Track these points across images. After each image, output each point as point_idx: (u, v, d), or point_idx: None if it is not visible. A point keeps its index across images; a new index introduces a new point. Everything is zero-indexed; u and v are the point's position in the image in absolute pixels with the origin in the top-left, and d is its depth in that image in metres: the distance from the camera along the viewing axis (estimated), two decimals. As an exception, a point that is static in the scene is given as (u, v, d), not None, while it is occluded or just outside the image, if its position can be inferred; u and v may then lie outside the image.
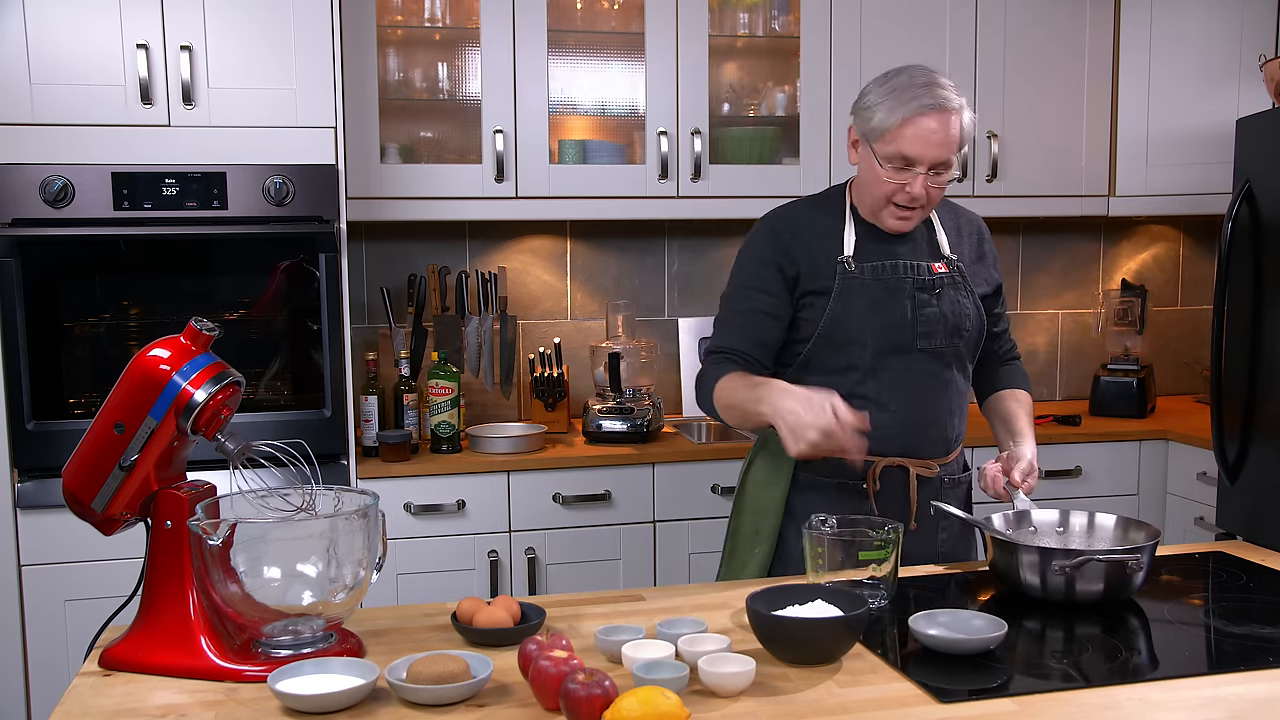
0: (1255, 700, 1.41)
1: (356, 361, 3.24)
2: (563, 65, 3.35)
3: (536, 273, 3.59)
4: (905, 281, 2.00)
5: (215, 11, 2.77)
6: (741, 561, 2.11)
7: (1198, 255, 4.06)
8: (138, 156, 2.75)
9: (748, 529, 2.11)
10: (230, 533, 1.47)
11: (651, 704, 1.27)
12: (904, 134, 1.89)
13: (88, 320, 2.83)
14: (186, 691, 1.47)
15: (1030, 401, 2.17)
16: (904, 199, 1.94)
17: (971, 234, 2.14)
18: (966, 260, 2.10)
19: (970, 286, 2.07)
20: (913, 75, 1.92)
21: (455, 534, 3.00)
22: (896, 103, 1.89)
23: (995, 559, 1.81)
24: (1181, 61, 3.53)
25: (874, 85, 1.95)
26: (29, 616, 2.77)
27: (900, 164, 1.91)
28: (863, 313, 1.98)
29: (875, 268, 2.00)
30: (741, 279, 2.05)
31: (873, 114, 1.92)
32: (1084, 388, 3.91)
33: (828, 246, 2.02)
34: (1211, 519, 3.13)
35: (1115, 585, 1.72)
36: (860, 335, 1.98)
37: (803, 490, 2.07)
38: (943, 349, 2.03)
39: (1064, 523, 1.95)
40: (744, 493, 2.15)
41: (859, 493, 2.03)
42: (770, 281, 2.01)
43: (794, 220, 2.05)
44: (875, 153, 1.93)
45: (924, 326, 2.00)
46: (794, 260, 2.01)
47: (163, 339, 1.58)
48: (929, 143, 1.89)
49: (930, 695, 1.42)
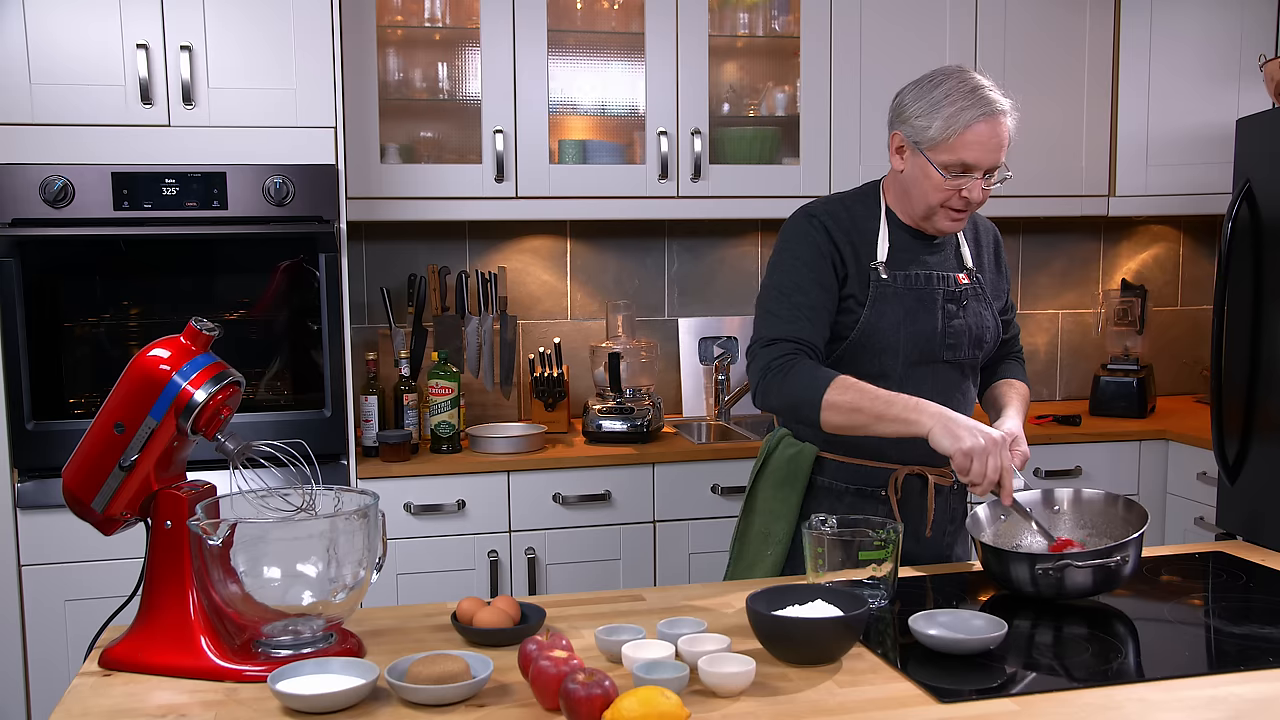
0: (1255, 700, 1.41)
1: (356, 361, 3.24)
2: (563, 65, 3.35)
3: (536, 273, 3.59)
4: (937, 293, 2.01)
5: (215, 11, 2.77)
6: (750, 563, 2.11)
7: (1198, 255, 4.06)
8: (138, 156, 2.75)
9: (758, 531, 2.11)
10: (230, 533, 1.47)
11: (651, 704, 1.27)
12: (965, 141, 1.89)
13: (88, 320, 2.83)
14: (186, 691, 1.47)
15: (1025, 390, 2.16)
16: (959, 203, 1.95)
17: (989, 243, 2.15)
18: (987, 272, 2.11)
19: (990, 299, 2.09)
20: (961, 80, 1.92)
21: (455, 534, 3.00)
22: (955, 110, 1.89)
23: (985, 561, 1.83)
24: (1181, 61, 3.53)
25: (917, 93, 1.94)
26: (29, 616, 2.77)
27: (959, 170, 1.92)
28: (897, 322, 1.98)
29: (908, 277, 2.01)
30: (801, 269, 1.99)
31: (928, 123, 1.91)
32: (1084, 388, 3.91)
33: (865, 248, 2.02)
34: (1211, 519, 3.13)
35: (1104, 580, 1.73)
36: (894, 344, 1.98)
37: (819, 495, 2.07)
38: (964, 360, 2.04)
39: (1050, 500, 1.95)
40: (755, 495, 2.13)
41: (877, 499, 2.03)
42: (828, 275, 1.98)
43: (842, 218, 2.02)
44: (931, 160, 1.92)
45: (952, 339, 2.02)
46: (844, 259, 2.00)
47: (163, 339, 1.58)
48: (988, 148, 1.90)
49: (930, 695, 1.42)
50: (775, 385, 1.94)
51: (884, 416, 1.85)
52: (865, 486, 2.03)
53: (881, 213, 2.05)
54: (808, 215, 2.03)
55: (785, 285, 1.99)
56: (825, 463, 2.06)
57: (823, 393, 1.88)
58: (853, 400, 1.87)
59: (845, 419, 1.88)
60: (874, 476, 2.03)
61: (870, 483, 2.03)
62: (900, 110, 1.98)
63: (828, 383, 1.88)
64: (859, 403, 1.86)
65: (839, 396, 1.87)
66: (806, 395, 1.90)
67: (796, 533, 2.06)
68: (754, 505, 2.13)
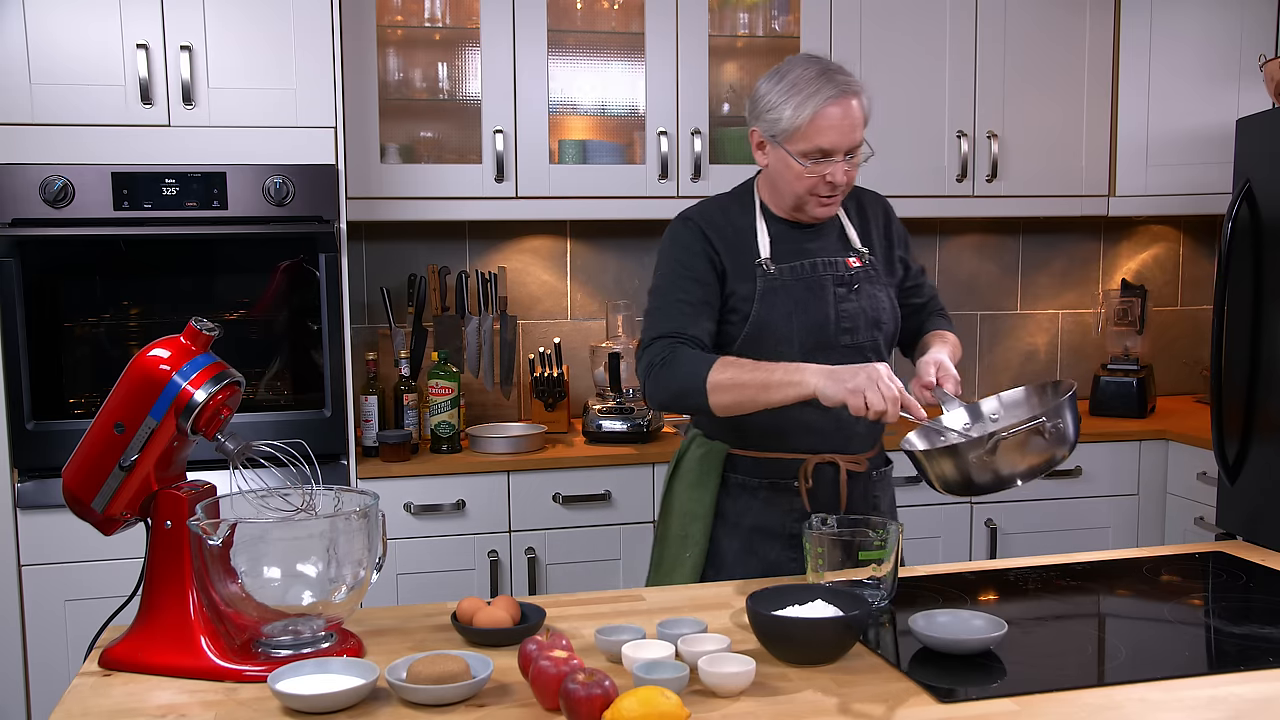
0: (1255, 700, 1.41)
1: (356, 361, 3.24)
2: (563, 65, 3.35)
3: (536, 273, 3.59)
4: (825, 279, 2.02)
5: (215, 11, 2.77)
6: (670, 568, 2.09)
7: (1198, 255, 4.06)
8: (138, 156, 2.75)
9: (676, 533, 2.10)
10: (230, 533, 1.47)
11: (651, 704, 1.27)
12: (818, 127, 1.90)
13: (88, 320, 2.83)
14: (186, 691, 1.47)
15: (953, 337, 2.14)
16: (825, 189, 1.96)
17: (877, 217, 2.15)
18: (878, 250, 2.10)
19: (884, 279, 2.08)
20: (806, 67, 1.94)
21: (455, 534, 3.00)
22: (802, 99, 1.90)
23: (920, 470, 1.81)
24: (1181, 61, 3.53)
25: (768, 85, 1.96)
26: (29, 616, 2.77)
27: (818, 156, 1.93)
28: (788, 313, 1.99)
29: (794, 268, 2.01)
30: (677, 270, 2.01)
31: (779, 114, 1.93)
32: (1084, 388, 3.91)
33: (745, 246, 2.03)
34: (1211, 519, 3.13)
35: (1043, 455, 1.70)
36: (787, 335, 1.99)
37: (733, 491, 2.06)
38: (864, 343, 2.04)
39: (978, 414, 1.93)
40: (671, 496, 2.13)
41: (791, 491, 2.02)
42: (707, 273, 2.00)
43: (713, 218, 2.04)
44: (790, 151, 1.94)
45: (847, 322, 2.02)
46: (720, 256, 2.01)
47: (163, 339, 1.58)
48: (841, 130, 1.91)
49: (930, 695, 1.42)
50: (660, 379, 1.95)
51: (768, 384, 1.84)
52: (779, 479, 2.03)
53: (756, 209, 2.06)
54: (683, 219, 2.06)
55: (662, 287, 2.02)
56: (737, 459, 2.05)
57: (705, 376, 1.89)
58: (734, 376, 1.88)
59: (732, 397, 1.89)
60: (787, 468, 2.02)
61: (783, 475, 2.02)
62: (754, 106, 2.00)
63: (709, 366, 1.90)
64: (740, 377, 1.87)
65: (720, 375, 1.89)
66: (690, 383, 1.91)
67: (714, 532, 2.06)
68: (670, 508, 2.13)
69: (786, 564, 2.03)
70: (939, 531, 3.27)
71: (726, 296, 2.01)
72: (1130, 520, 3.42)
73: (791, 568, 2.02)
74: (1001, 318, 3.93)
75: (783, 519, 2.03)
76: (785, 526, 2.03)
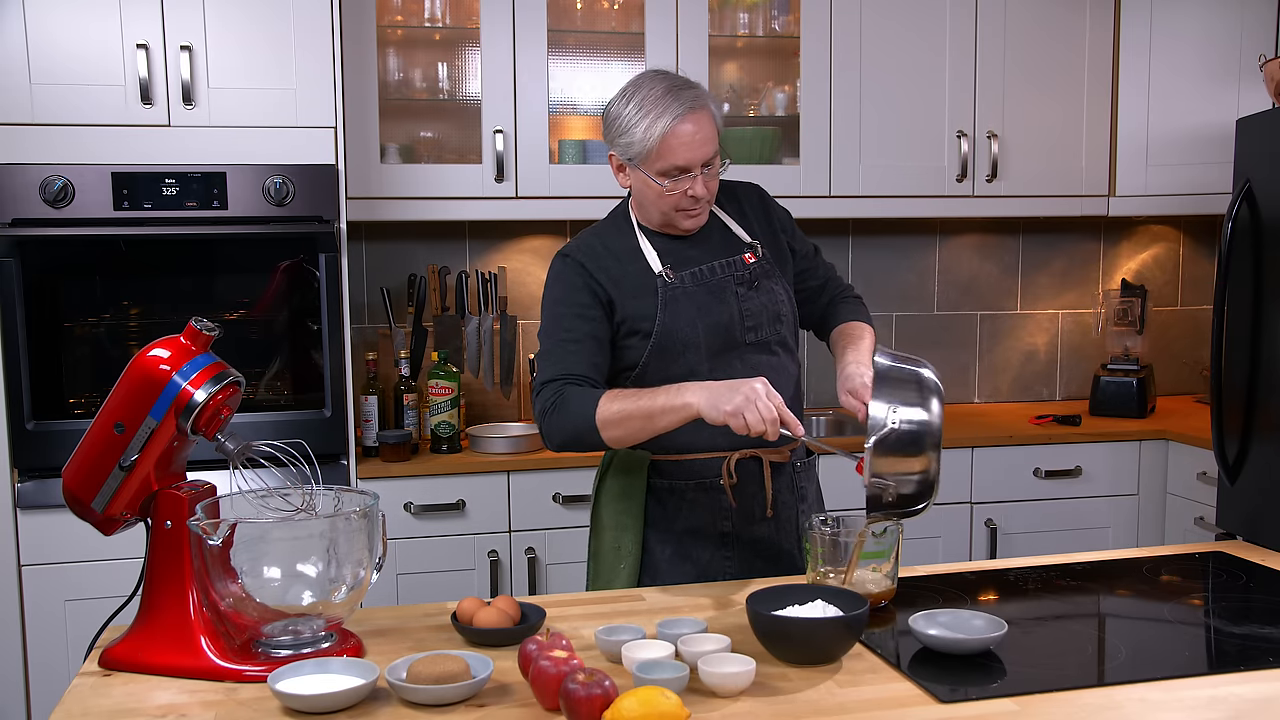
0: (1255, 700, 1.41)
1: (356, 361, 3.24)
2: (563, 65, 3.35)
3: (536, 273, 3.59)
4: (727, 280, 2.01)
5: (215, 11, 2.77)
6: (605, 581, 2.08)
7: (1198, 255, 4.06)
8: (138, 156, 2.75)
9: (609, 546, 2.08)
10: (230, 533, 1.48)
11: (651, 704, 1.27)
12: (670, 146, 1.89)
13: (88, 320, 2.83)
14: (186, 691, 1.47)
15: (862, 326, 2.11)
16: (689, 203, 1.96)
17: (755, 207, 2.13)
18: (764, 239, 2.09)
19: (778, 271, 2.08)
20: (652, 85, 1.92)
21: (455, 534, 3.00)
22: (651, 119, 1.89)
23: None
24: (1181, 61, 3.53)
25: (618, 107, 1.95)
26: (29, 616, 2.77)
27: (675, 174, 1.92)
28: (692, 318, 1.98)
29: (695, 274, 2.00)
30: (560, 309, 1.99)
31: (631, 138, 1.91)
32: (1084, 388, 3.91)
33: (632, 267, 2.01)
34: (1211, 519, 3.13)
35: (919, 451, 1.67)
36: (693, 340, 1.97)
37: (660, 496, 2.05)
38: (768, 338, 2.03)
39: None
40: (599, 510, 2.12)
41: (716, 489, 2.01)
42: (590, 306, 1.98)
43: (592, 249, 2.02)
44: (647, 172, 1.93)
45: (750, 320, 2.01)
46: (603, 286, 1.98)
47: (163, 339, 1.58)
48: (693, 146, 1.90)
49: (930, 695, 1.42)
50: (554, 424, 1.91)
51: (652, 412, 1.81)
52: (703, 478, 2.02)
53: (635, 229, 2.05)
54: (561, 256, 2.03)
55: (548, 328, 2.00)
56: (660, 464, 2.04)
57: (593, 414, 1.86)
58: (621, 408, 1.84)
59: (623, 430, 1.86)
60: (710, 468, 2.01)
61: (707, 474, 2.01)
62: (607, 129, 1.98)
63: (596, 401, 1.87)
64: (626, 408, 1.84)
65: (608, 411, 1.85)
66: (581, 423, 1.88)
67: (646, 539, 2.05)
68: (600, 521, 2.11)
69: (721, 564, 2.03)
70: (939, 531, 3.27)
71: (619, 324, 1.99)
72: (1130, 520, 3.42)
73: (726, 569, 2.02)
74: (1001, 318, 3.93)
75: (713, 518, 2.02)
76: (716, 525, 2.02)
